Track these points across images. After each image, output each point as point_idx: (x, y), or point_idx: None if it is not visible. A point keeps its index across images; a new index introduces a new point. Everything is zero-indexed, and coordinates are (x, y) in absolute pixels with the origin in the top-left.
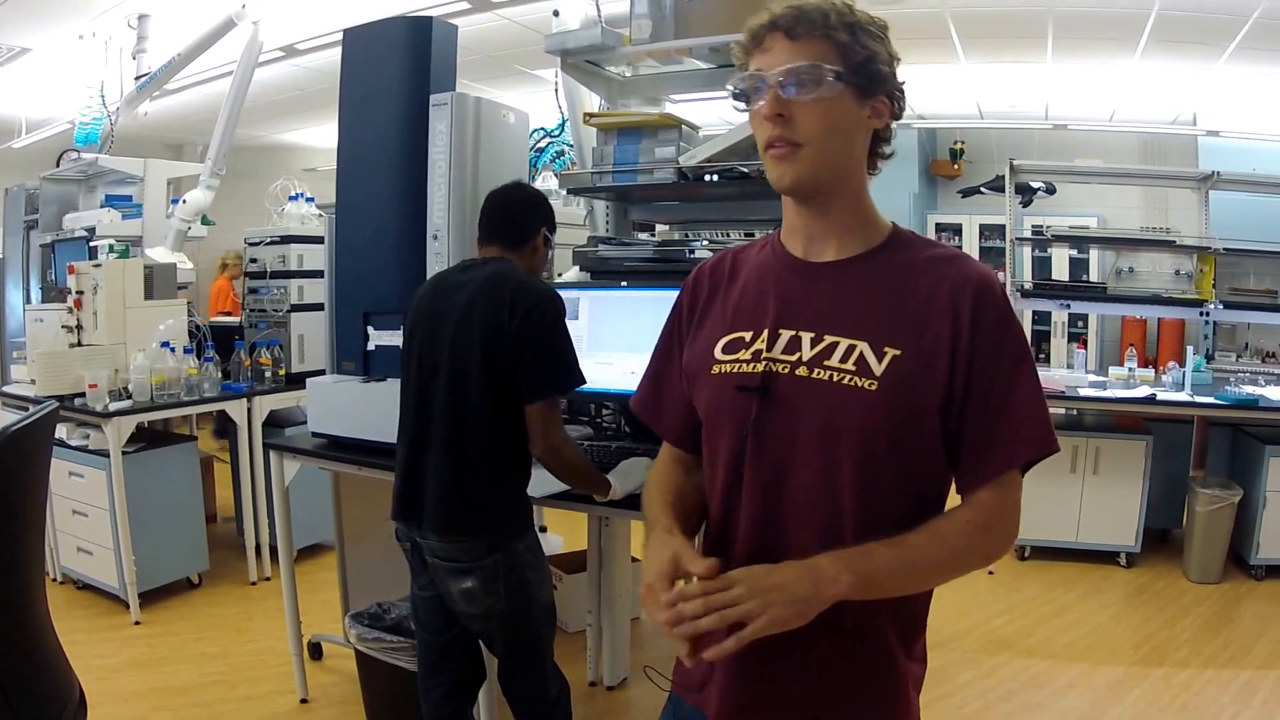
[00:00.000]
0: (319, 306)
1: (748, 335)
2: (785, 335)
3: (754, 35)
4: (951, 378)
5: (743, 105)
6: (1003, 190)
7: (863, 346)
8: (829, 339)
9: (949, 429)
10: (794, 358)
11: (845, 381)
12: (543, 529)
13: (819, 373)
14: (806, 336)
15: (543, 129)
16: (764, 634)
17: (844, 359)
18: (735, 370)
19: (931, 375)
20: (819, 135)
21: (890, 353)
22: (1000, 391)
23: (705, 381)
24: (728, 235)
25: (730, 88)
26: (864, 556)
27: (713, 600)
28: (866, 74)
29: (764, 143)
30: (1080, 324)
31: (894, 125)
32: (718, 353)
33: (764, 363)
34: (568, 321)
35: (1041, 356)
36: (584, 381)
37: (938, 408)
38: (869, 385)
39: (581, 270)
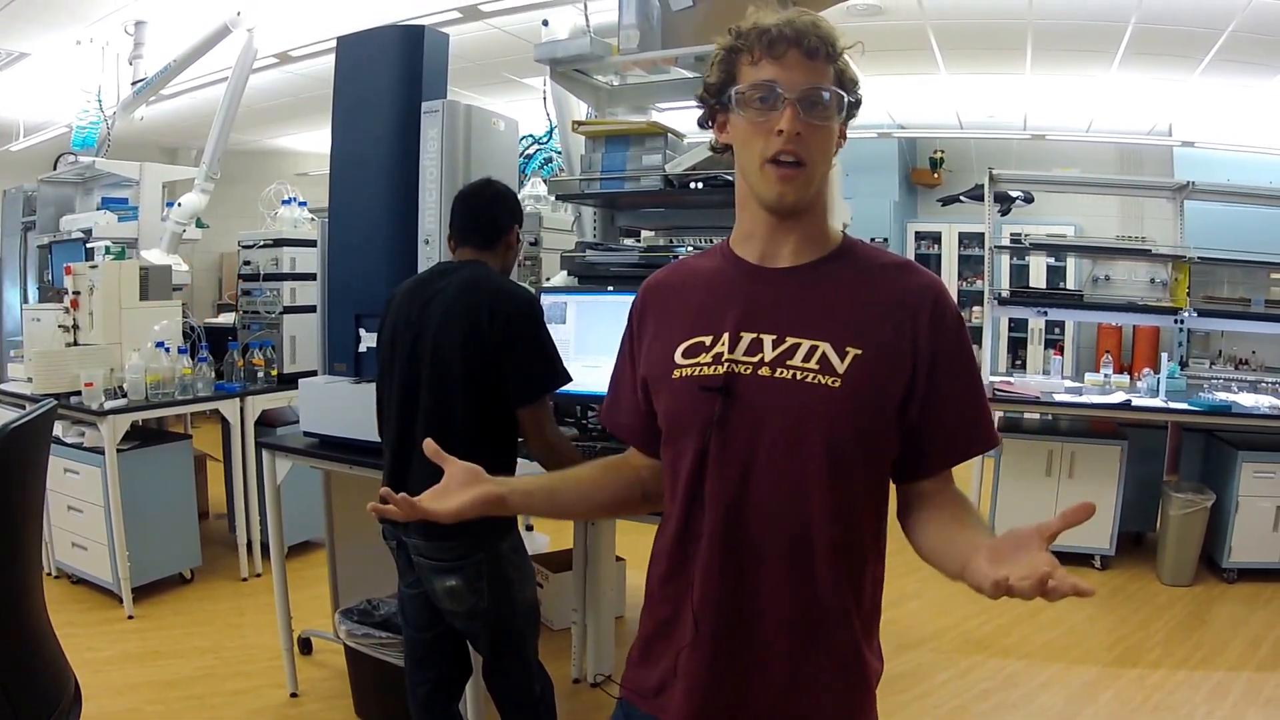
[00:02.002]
0: (311, 309)
1: (708, 339)
2: (747, 338)
3: (771, 42)
4: (913, 376)
5: (737, 110)
6: (982, 199)
7: (824, 347)
8: (791, 340)
9: (907, 423)
10: (756, 359)
11: (809, 380)
12: (529, 528)
13: (782, 372)
14: (768, 339)
15: (532, 136)
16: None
17: (806, 358)
18: (697, 373)
19: (893, 373)
20: (821, 158)
21: (852, 352)
22: (961, 391)
23: (667, 386)
24: (712, 241)
25: (726, 91)
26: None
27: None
28: (851, 102)
29: (769, 156)
30: (1057, 331)
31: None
32: (678, 357)
33: (726, 364)
34: (555, 325)
35: (1018, 363)
36: (570, 379)
37: (897, 404)
38: (832, 383)
39: (569, 275)
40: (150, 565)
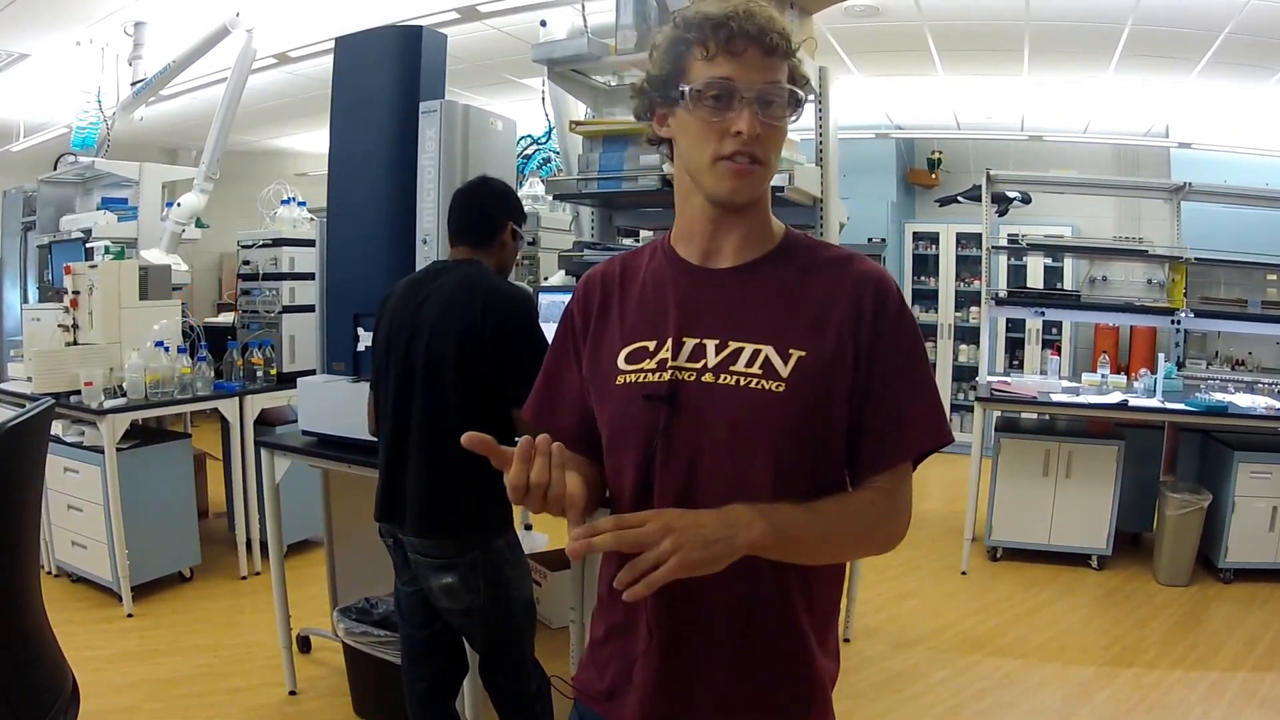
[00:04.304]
0: (310, 308)
1: (651, 344)
2: (690, 343)
3: (730, 36)
4: (855, 373)
5: (688, 108)
6: (979, 200)
7: (767, 350)
8: (734, 345)
9: (850, 420)
10: (699, 365)
11: (753, 385)
12: (528, 527)
13: (725, 378)
14: (711, 343)
15: (530, 136)
16: (675, 576)
17: (750, 363)
18: (640, 380)
19: (837, 373)
20: (775, 156)
21: (796, 354)
22: (900, 385)
23: (609, 392)
24: None
25: (677, 86)
26: (777, 510)
27: (624, 536)
28: (803, 98)
29: (722, 154)
30: (1054, 331)
31: None
32: (621, 363)
33: (670, 371)
34: (552, 325)
35: (1016, 363)
36: None
37: (844, 403)
38: (776, 388)
39: (567, 274)
40: (149, 564)
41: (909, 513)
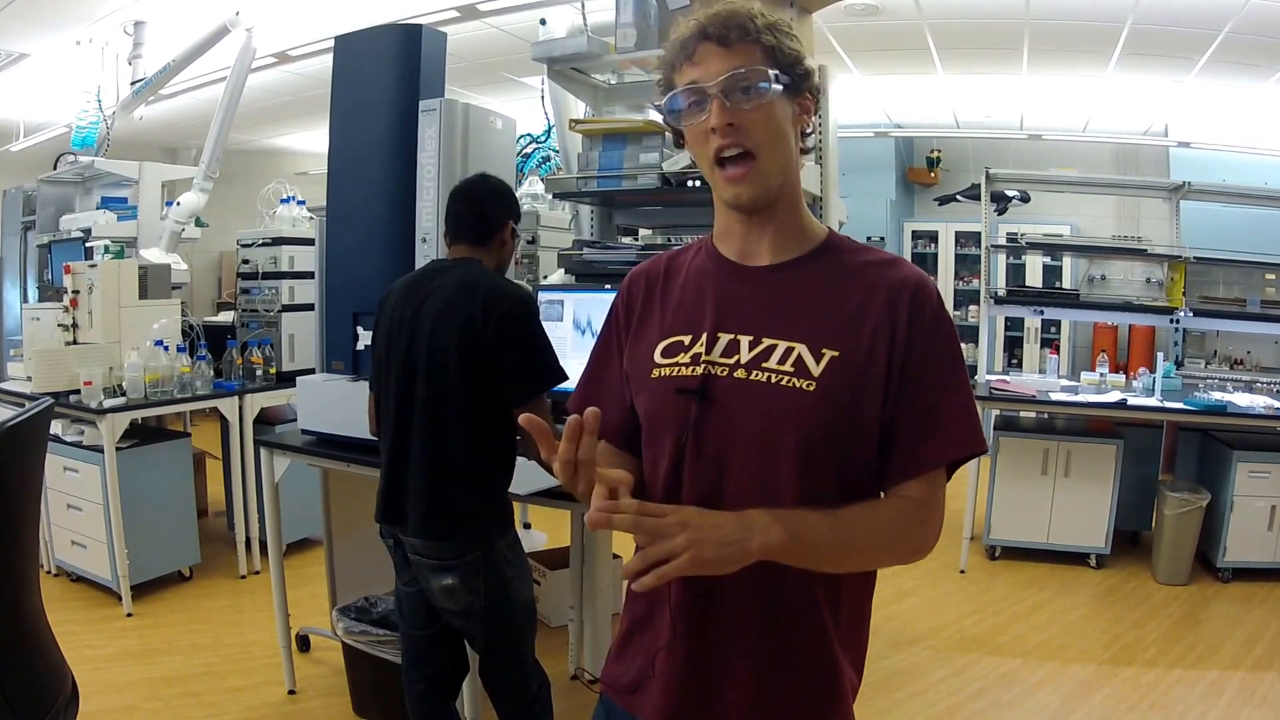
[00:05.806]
0: (309, 307)
1: (686, 339)
2: (724, 338)
3: (684, 46)
4: (888, 376)
5: (677, 124)
6: (978, 198)
7: (800, 348)
8: (767, 341)
9: (881, 424)
10: (732, 360)
11: (784, 383)
12: (527, 526)
13: (757, 374)
14: (745, 339)
15: (530, 135)
16: (685, 573)
17: (782, 360)
18: (674, 373)
19: (869, 375)
20: (767, 142)
21: (828, 354)
22: (933, 391)
23: (645, 385)
24: None
25: (663, 106)
26: (796, 515)
27: (642, 522)
28: (795, 74)
29: (713, 156)
30: (1053, 330)
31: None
32: (657, 356)
33: (703, 365)
34: (553, 323)
35: (1015, 362)
36: (566, 377)
37: (876, 406)
38: (807, 386)
39: (566, 273)
40: (149, 563)
41: (940, 520)
